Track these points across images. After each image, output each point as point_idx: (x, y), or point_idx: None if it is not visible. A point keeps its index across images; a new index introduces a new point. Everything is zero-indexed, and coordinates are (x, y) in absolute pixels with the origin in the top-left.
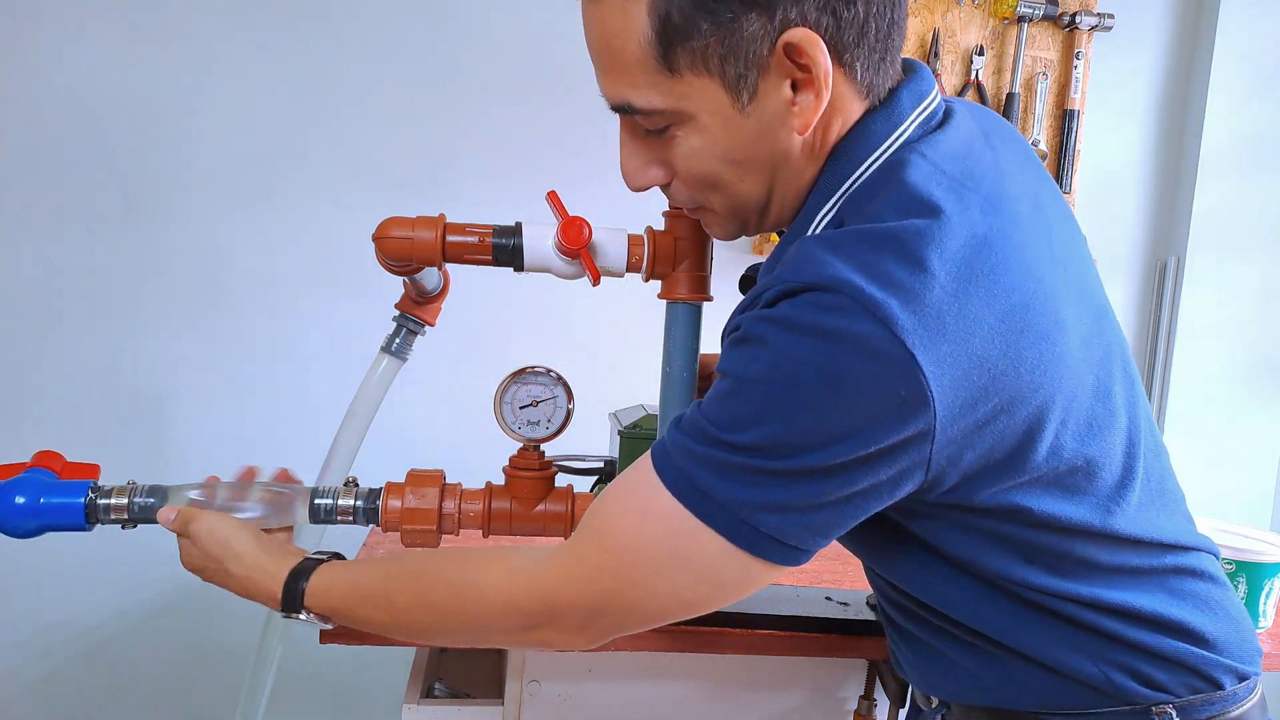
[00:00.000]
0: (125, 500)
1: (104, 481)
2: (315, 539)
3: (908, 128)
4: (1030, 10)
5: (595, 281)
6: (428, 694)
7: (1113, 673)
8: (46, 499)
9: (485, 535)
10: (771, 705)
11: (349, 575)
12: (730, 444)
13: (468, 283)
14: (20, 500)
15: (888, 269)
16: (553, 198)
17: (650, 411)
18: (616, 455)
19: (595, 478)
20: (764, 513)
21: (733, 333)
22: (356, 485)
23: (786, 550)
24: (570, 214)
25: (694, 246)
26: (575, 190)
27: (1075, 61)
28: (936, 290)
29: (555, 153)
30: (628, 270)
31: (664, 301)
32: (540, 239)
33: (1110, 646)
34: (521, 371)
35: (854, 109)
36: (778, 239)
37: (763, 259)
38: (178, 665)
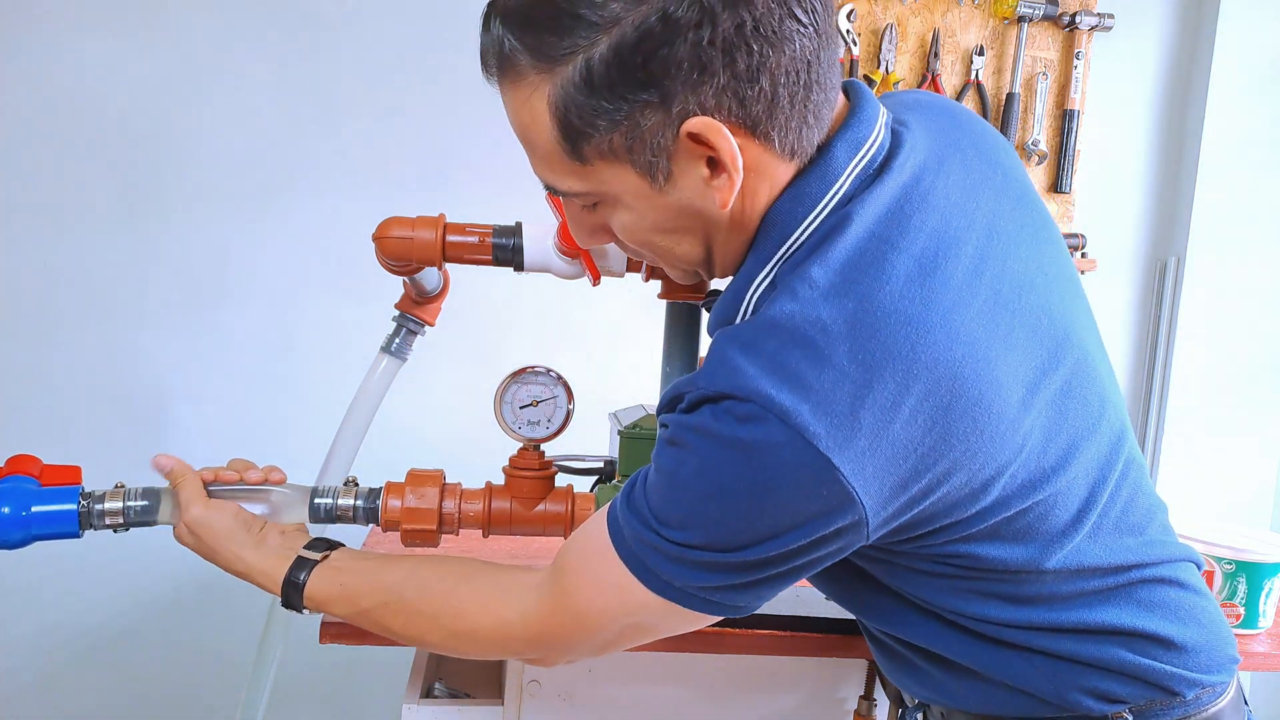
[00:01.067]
0: (120, 505)
1: (87, 483)
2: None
3: (843, 184)
4: (1030, 10)
5: (595, 281)
6: (428, 694)
7: (1068, 692)
8: (35, 508)
9: (485, 535)
10: (771, 705)
11: (343, 588)
12: (670, 539)
13: (468, 283)
14: (6, 510)
15: (797, 370)
16: (553, 198)
17: (650, 411)
18: (616, 455)
19: (595, 478)
20: (711, 590)
21: (663, 428)
22: (356, 485)
23: (736, 609)
24: None
25: None
26: None
27: (1075, 61)
28: (847, 386)
29: None
30: (628, 270)
31: (664, 301)
32: (540, 239)
33: (1068, 668)
34: (521, 371)
35: (780, 173)
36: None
37: None
38: (177, 665)
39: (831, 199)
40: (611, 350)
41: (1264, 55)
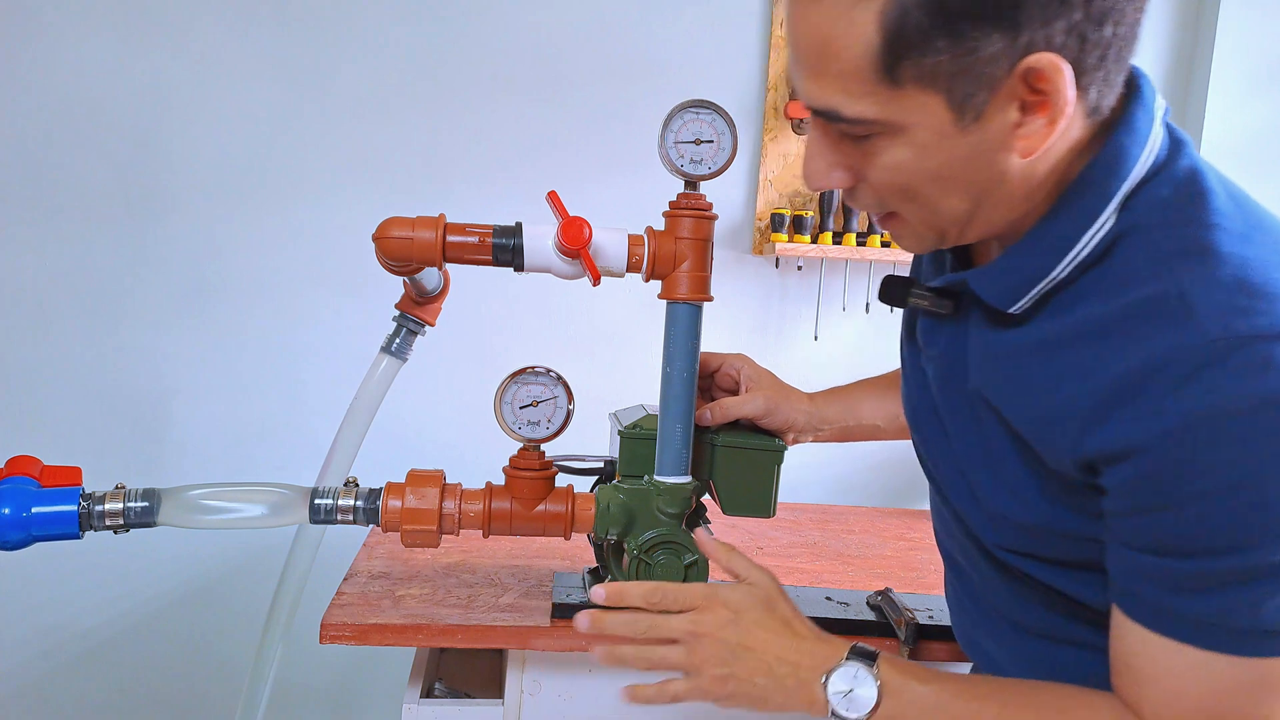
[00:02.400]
0: (120, 506)
1: (87, 482)
2: (315, 539)
3: (1152, 147)
4: None
5: (595, 281)
6: (428, 694)
7: None
8: (36, 509)
9: (485, 535)
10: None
11: (924, 696)
12: (1239, 565)
13: (468, 283)
14: (6, 511)
15: None
16: (553, 198)
17: (650, 411)
18: (616, 455)
19: (595, 478)
20: None
21: (1159, 450)
22: (356, 485)
23: None
24: (570, 214)
25: (694, 246)
26: (575, 190)
27: None
28: None
29: (555, 153)
30: (628, 270)
31: (664, 301)
32: (540, 239)
33: None
34: (521, 371)
35: (1076, 131)
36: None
37: (762, 257)
38: (177, 666)
39: (1148, 158)
40: (611, 350)
41: (1264, 55)
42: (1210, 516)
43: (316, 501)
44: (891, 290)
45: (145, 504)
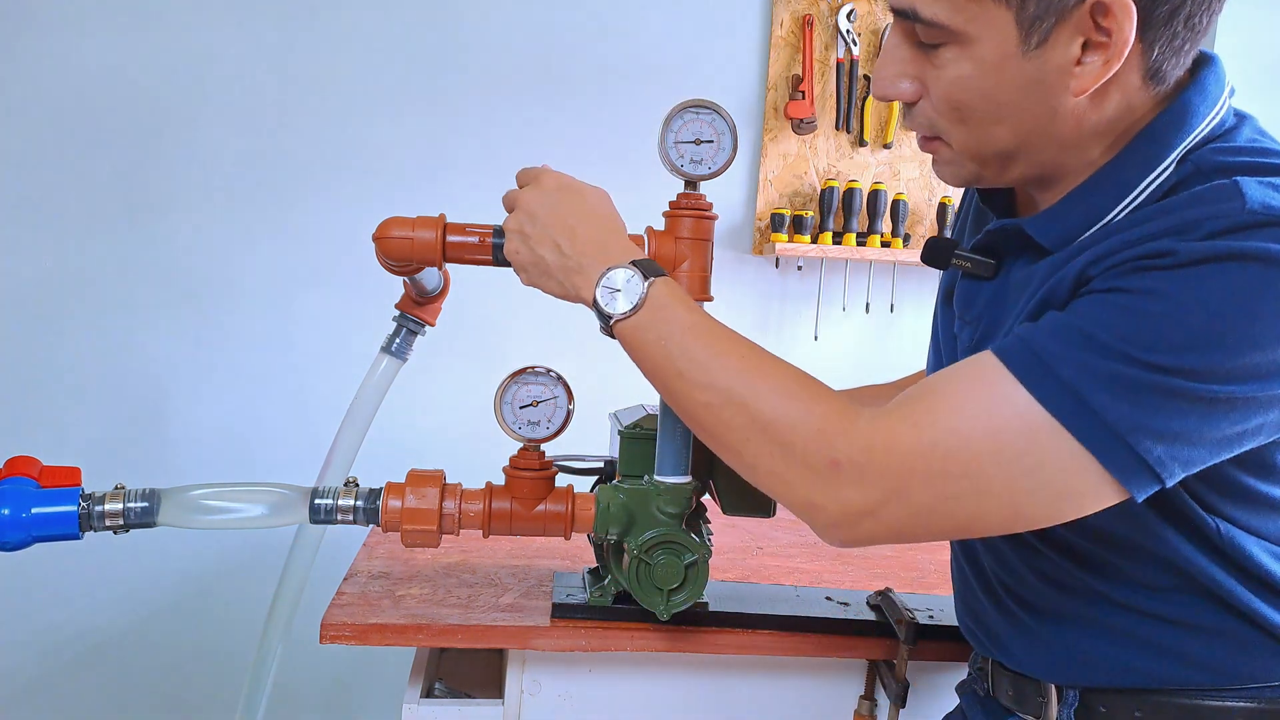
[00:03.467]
0: (120, 506)
1: (86, 483)
2: (315, 539)
3: (1219, 110)
4: None
5: None
6: (428, 694)
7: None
8: (35, 510)
9: (485, 535)
10: (772, 705)
11: (678, 318)
12: (1149, 364)
13: (468, 283)
14: (6, 512)
15: None
16: None
17: (650, 411)
18: (616, 455)
19: (595, 478)
20: (1152, 439)
21: (1158, 257)
22: (356, 485)
23: (1151, 480)
24: None
25: (695, 246)
26: None
27: None
28: None
29: (556, 152)
30: None
31: None
32: None
33: None
34: (521, 371)
35: (1133, 87)
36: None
37: (762, 257)
38: (177, 666)
39: (1213, 119)
40: (611, 351)
41: (1264, 55)
42: (1157, 321)
43: (316, 501)
44: (936, 251)
45: (145, 504)
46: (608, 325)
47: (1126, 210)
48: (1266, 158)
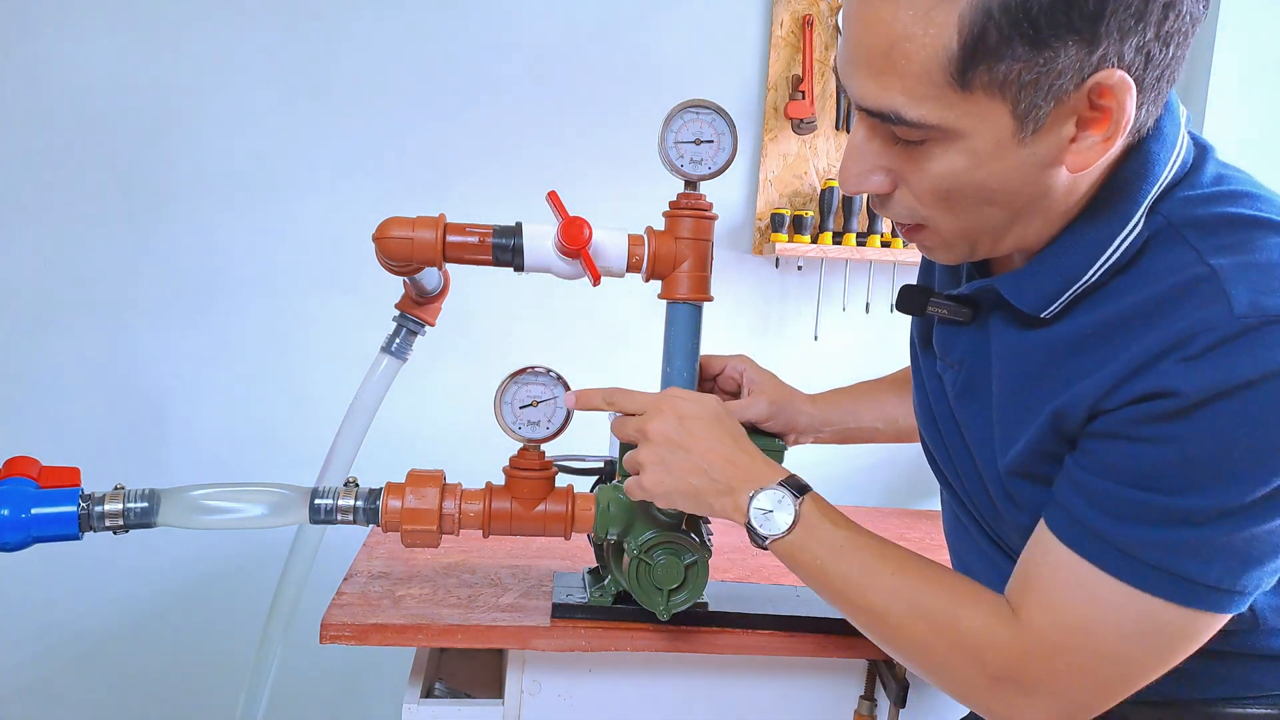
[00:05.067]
0: (119, 506)
1: (86, 483)
2: (315, 539)
3: (1179, 152)
4: None
5: (595, 281)
6: (428, 694)
7: None
8: (35, 510)
9: (485, 535)
10: (772, 705)
11: (833, 537)
12: (1211, 511)
13: (468, 283)
14: (5, 513)
15: None
16: (553, 198)
17: None
18: (616, 455)
19: (595, 478)
20: (1244, 578)
21: (1166, 398)
22: (356, 485)
23: (1246, 599)
24: (570, 214)
25: (694, 247)
26: (576, 190)
27: None
28: None
29: (556, 153)
30: (628, 270)
31: (664, 301)
32: (540, 239)
33: None
34: (521, 371)
35: (1117, 146)
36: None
37: (762, 257)
38: (177, 666)
39: (1174, 163)
40: (611, 351)
41: (1264, 55)
42: (1184, 462)
43: (316, 501)
44: (910, 299)
45: (145, 504)
46: (762, 544)
47: (1100, 270)
48: (1234, 205)
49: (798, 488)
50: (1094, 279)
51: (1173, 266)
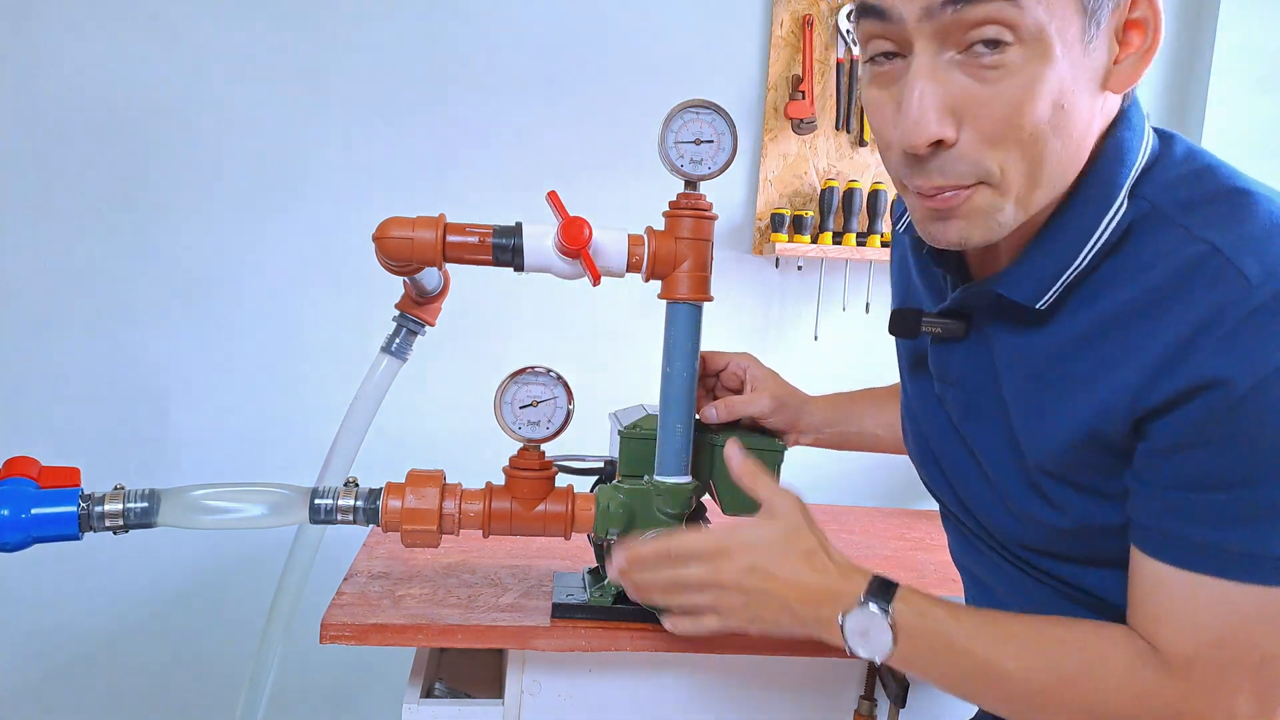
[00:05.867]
0: (120, 506)
1: (85, 483)
2: (315, 539)
3: (1147, 141)
4: None
5: (595, 281)
6: (428, 694)
7: None
8: (35, 510)
9: (485, 535)
10: (771, 705)
11: (941, 637)
12: None
13: (468, 283)
14: (5, 513)
15: None
16: (553, 198)
17: (650, 411)
18: (616, 455)
19: (595, 478)
20: None
21: (1216, 388)
22: (356, 485)
23: None
24: (570, 214)
25: (694, 246)
26: (575, 190)
27: None
28: None
29: (555, 152)
30: (628, 270)
31: (664, 301)
32: (540, 239)
33: None
34: (521, 371)
35: (1106, 112)
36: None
37: (762, 257)
38: (177, 666)
39: (1145, 148)
40: (611, 350)
41: (1264, 55)
42: (1255, 451)
43: (316, 501)
44: (903, 322)
45: (145, 504)
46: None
47: (1090, 254)
48: (1212, 179)
49: (884, 596)
50: (1085, 263)
51: (1166, 249)
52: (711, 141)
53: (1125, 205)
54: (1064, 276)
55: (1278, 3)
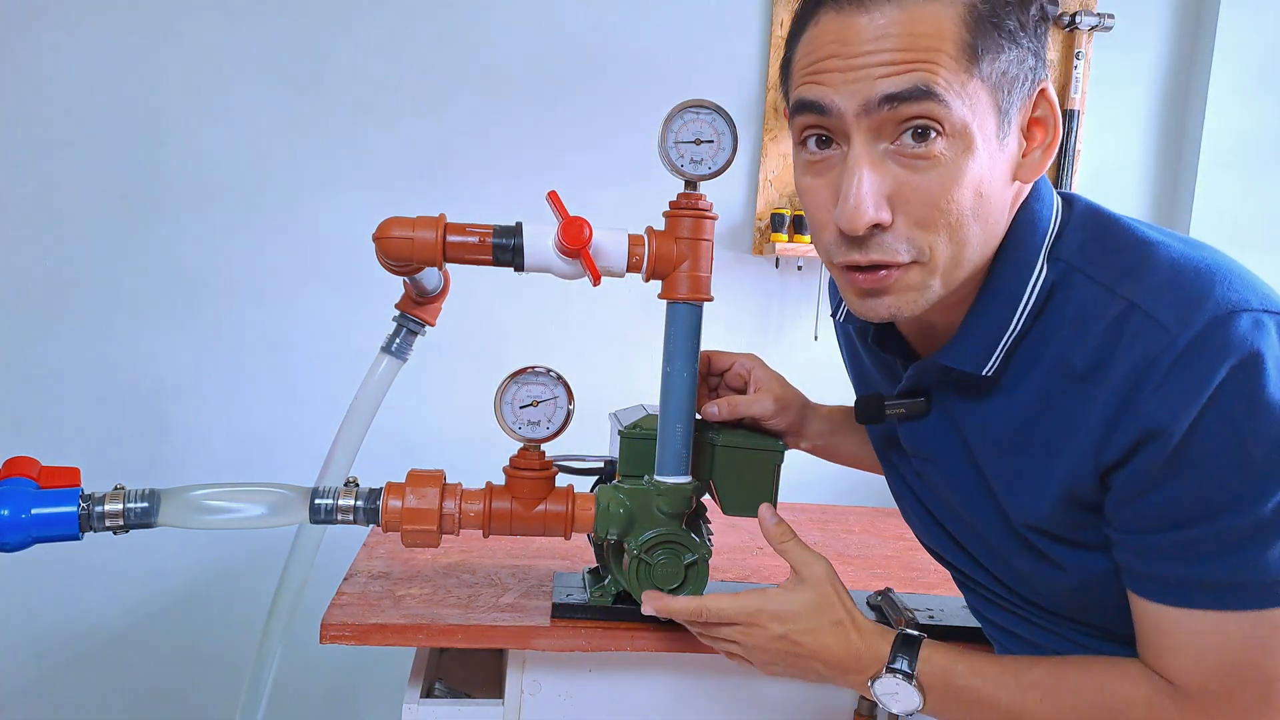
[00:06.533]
0: (120, 506)
1: (85, 483)
2: (315, 539)
3: (1056, 206)
4: None
5: (595, 281)
6: (428, 693)
7: None
8: (35, 510)
9: (486, 535)
10: (772, 705)
11: (967, 692)
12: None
13: (468, 283)
14: (5, 513)
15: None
16: (553, 198)
17: (650, 412)
18: (616, 455)
19: (595, 478)
20: None
21: (1161, 436)
22: (356, 485)
23: None
24: (570, 214)
25: (694, 246)
26: (576, 190)
27: (1075, 61)
28: None
29: (556, 152)
30: (628, 270)
31: (664, 301)
32: (540, 239)
33: None
34: (521, 371)
35: (1014, 188)
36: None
37: (762, 257)
38: (177, 666)
39: (1055, 215)
40: (612, 350)
41: (1264, 55)
42: (1204, 487)
43: (316, 501)
44: (868, 409)
45: (145, 504)
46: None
47: (1021, 318)
48: (1115, 233)
49: (908, 655)
50: (1019, 327)
51: (1092, 310)
52: (711, 141)
53: (1045, 269)
54: (1002, 341)
55: (1278, 3)
